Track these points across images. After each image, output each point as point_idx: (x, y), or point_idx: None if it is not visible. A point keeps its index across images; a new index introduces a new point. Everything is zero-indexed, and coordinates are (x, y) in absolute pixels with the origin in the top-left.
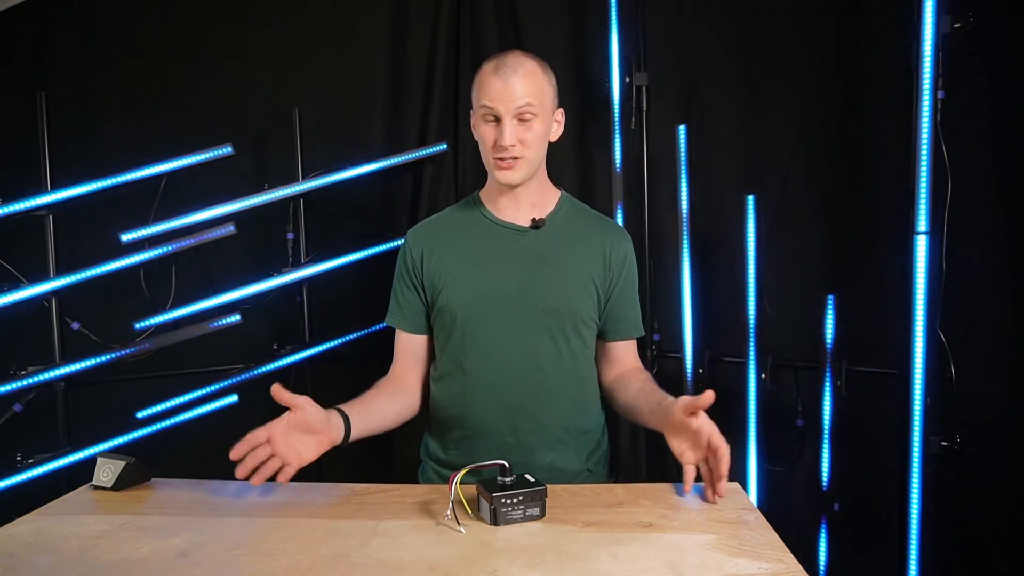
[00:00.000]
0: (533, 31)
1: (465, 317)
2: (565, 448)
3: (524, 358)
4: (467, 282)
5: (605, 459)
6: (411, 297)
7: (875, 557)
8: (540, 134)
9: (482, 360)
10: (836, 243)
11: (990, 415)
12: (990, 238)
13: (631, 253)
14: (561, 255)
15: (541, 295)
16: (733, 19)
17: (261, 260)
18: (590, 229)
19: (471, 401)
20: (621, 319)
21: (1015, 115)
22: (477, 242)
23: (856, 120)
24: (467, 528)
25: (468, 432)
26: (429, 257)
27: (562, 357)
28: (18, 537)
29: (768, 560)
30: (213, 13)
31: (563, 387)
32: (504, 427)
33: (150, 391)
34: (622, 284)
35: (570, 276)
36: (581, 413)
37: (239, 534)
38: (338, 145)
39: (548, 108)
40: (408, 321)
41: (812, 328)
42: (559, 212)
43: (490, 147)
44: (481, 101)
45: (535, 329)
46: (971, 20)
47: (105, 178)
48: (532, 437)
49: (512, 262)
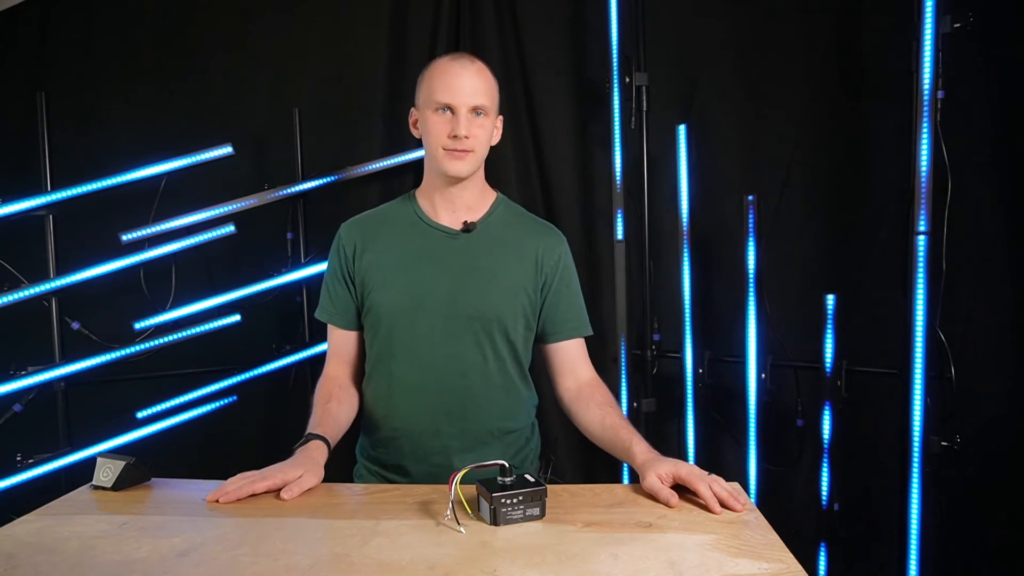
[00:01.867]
0: (533, 31)
1: (392, 320)
2: (486, 448)
3: (449, 363)
4: (396, 285)
5: (534, 457)
6: (343, 293)
7: (875, 557)
8: (488, 131)
9: (408, 363)
10: (836, 243)
11: (990, 415)
12: (990, 238)
13: (566, 254)
14: (491, 261)
15: (468, 300)
16: (733, 19)
17: (261, 260)
18: (523, 235)
19: (396, 402)
20: (560, 320)
21: (1015, 115)
22: (409, 243)
23: (856, 120)
24: (467, 528)
25: (393, 432)
26: (361, 255)
27: (488, 363)
28: (18, 537)
29: (768, 560)
30: (213, 13)
31: (488, 392)
32: (427, 429)
33: (150, 391)
34: (557, 285)
35: (499, 282)
36: (506, 417)
37: (239, 534)
38: (338, 145)
39: (495, 109)
40: (340, 317)
41: (812, 328)
42: (492, 216)
43: (444, 138)
44: (435, 95)
45: (461, 335)
46: (971, 20)
47: (105, 178)
48: (454, 441)
49: (442, 266)
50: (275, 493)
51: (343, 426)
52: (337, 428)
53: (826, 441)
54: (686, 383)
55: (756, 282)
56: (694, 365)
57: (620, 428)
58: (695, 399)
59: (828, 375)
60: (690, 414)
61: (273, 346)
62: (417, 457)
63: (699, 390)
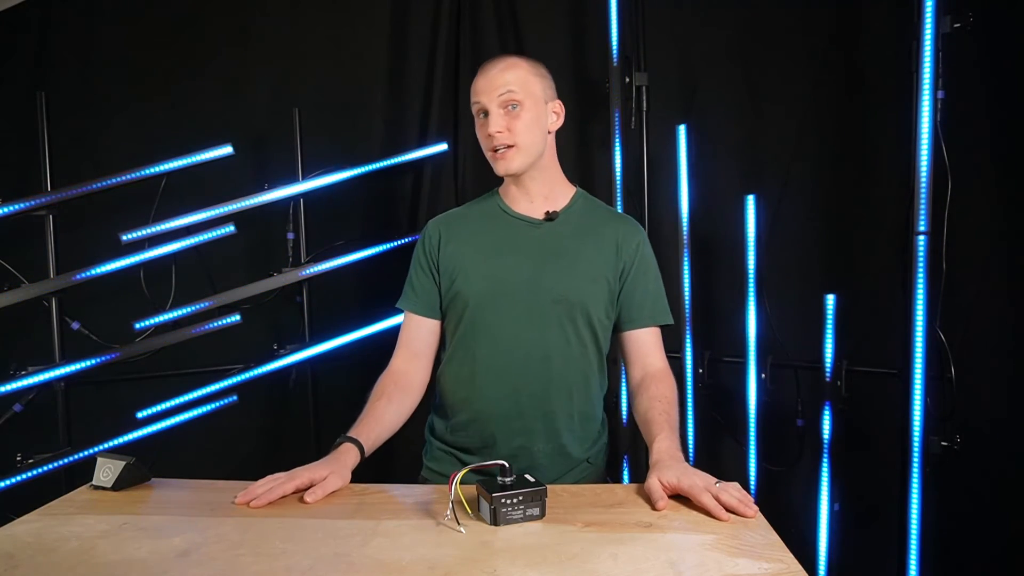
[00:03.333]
0: (533, 31)
1: (476, 304)
2: (569, 435)
3: (532, 346)
4: (480, 271)
5: (604, 453)
6: (426, 282)
7: (875, 557)
8: (529, 122)
9: (491, 346)
10: (836, 243)
11: (990, 415)
12: (990, 238)
13: (645, 243)
14: (573, 247)
15: (551, 285)
16: (733, 19)
17: (261, 260)
18: (603, 223)
19: (479, 385)
20: (636, 306)
21: (1015, 115)
22: (492, 233)
23: (856, 120)
24: (467, 528)
25: (475, 415)
26: (446, 245)
27: (570, 346)
28: (18, 537)
29: (768, 560)
30: (213, 13)
31: (569, 375)
32: (511, 412)
33: (150, 391)
34: (635, 272)
35: (581, 268)
36: (585, 402)
37: (239, 534)
38: (338, 145)
39: (537, 97)
40: (421, 304)
41: (812, 328)
42: (573, 207)
43: (484, 140)
44: (472, 101)
45: (544, 318)
46: (971, 20)
47: (105, 178)
48: (537, 423)
49: (524, 253)
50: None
51: (388, 427)
52: (380, 429)
53: (826, 441)
54: (686, 383)
55: (756, 282)
56: (694, 365)
57: (653, 423)
58: (695, 399)
59: (828, 375)
60: (690, 414)
61: (273, 346)
62: (500, 438)
63: (699, 390)
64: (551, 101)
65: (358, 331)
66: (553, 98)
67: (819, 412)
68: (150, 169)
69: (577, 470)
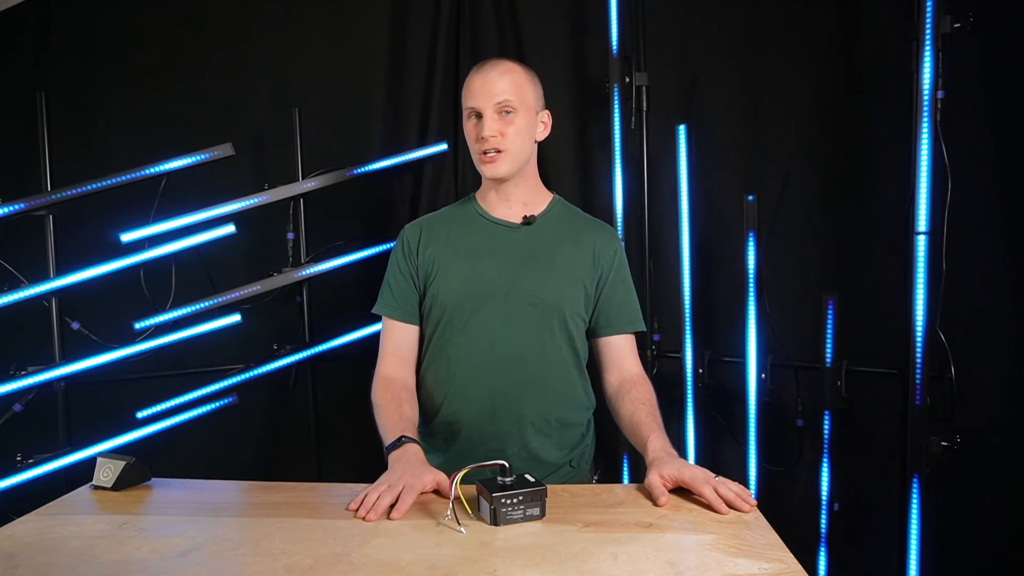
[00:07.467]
0: (533, 31)
1: (454, 307)
2: (546, 439)
3: (507, 348)
4: (457, 274)
5: (589, 456)
6: (404, 286)
7: (875, 557)
8: (521, 129)
9: (466, 347)
10: (836, 243)
11: (990, 415)
12: (990, 238)
13: (621, 251)
14: (550, 251)
15: (527, 288)
16: (733, 19)
17: (261, 260)
18: (580, 229)
19: (454, 388)
20: (615, 312)
21: (1015, 115)
22: (469, 237)
23: (856, 120)
24: (467, 528)
25: (451, 417)
26: (424, 248)
27: (546, 349)
28: (18, 537)
29: (768, 560)
30: (213, 13)
31: (545, 378)
32: (485, 414)
33: (150, 391)
34: (612, 279)
35: (558, 272)
36: (563, 406)
37: (239, 534)
38: (338, 145)
39: (529, 106)
40: (399, 310)
41: (812, 328)
42: (551, 212)
43: (474, 142)
44: (466, 102)
45: (520, 321)
46: (971, 20)
47: (105, 178)
48: (512, 426)
49: (502, 257)
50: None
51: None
52: (416, 433)
53: (826, 441)
54: (686, 383)
55: (756, 282)
56: (694, 365)
57: (642, 425)
58: (695, 399)
59: (828, 375)
60: (690, 414)
61: (273, 346)
62: (473, 442)
63: (699, 390)
64: (541, 111)
65: (358, 331)
66: (543, 108)
67: (819, 412)
68: (150, 169)
69: (558, 474)
